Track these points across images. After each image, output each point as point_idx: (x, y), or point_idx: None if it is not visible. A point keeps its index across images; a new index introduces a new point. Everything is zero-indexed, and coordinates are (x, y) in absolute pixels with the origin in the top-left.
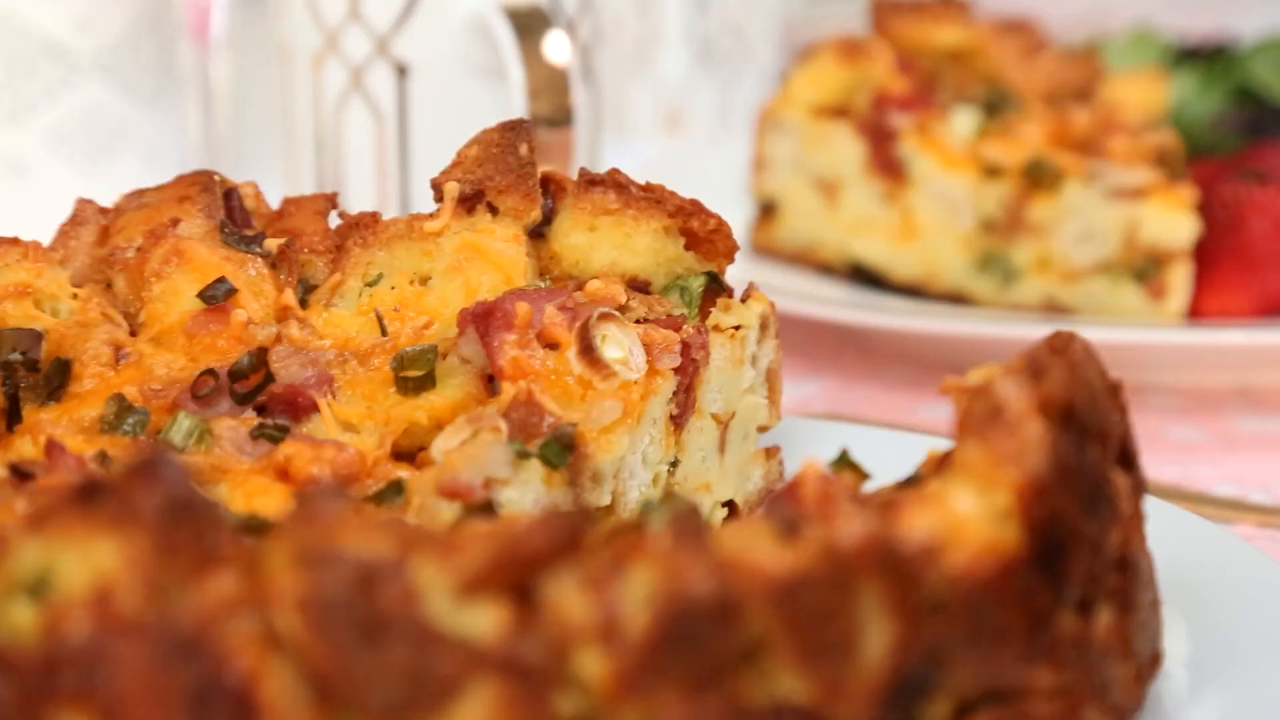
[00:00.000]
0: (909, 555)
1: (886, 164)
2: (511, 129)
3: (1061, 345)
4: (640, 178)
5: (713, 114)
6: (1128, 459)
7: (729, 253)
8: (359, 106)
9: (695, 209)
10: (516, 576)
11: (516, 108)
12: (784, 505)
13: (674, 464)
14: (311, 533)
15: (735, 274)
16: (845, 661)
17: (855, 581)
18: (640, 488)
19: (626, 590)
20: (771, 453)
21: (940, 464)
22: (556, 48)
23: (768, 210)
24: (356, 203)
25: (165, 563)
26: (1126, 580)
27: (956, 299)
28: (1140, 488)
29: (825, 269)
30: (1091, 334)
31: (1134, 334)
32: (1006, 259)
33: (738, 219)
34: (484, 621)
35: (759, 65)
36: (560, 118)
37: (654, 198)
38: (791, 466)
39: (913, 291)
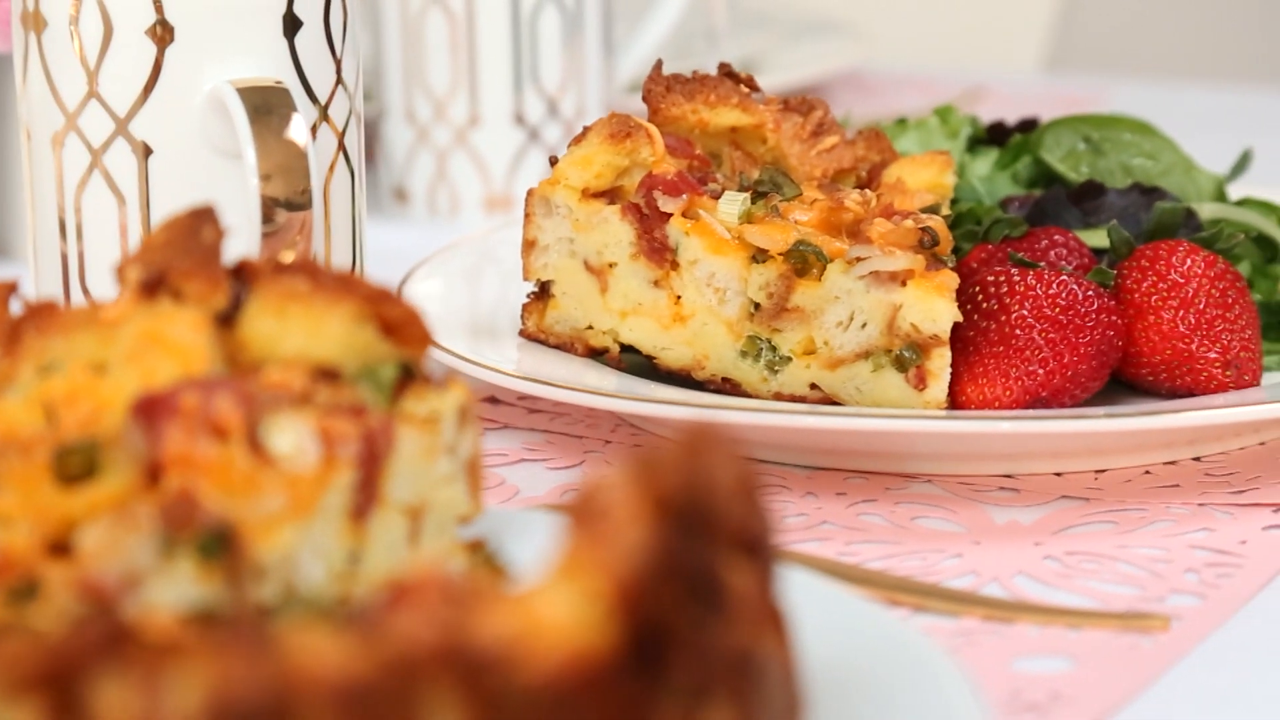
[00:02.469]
0: (484, 659)
1: (655, 247)
2: (196, 214)
3: (690, 441)
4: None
5: None
6: (760, 558)
7: (422, 341)
8: (100, 187)
9: (386, 296)
10: (59, 680)
11: (252, 189)
12: (373, 606)
13: (357, 558)
14: None
15: (506, 358)
16: None
17: (423, 687)
18: (314, 583)
19: (174, 695)
20: (475, 546)
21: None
22: (297, 129)
23: (541, 293)
24: (101, 286)
25: None
26: (748, 680)
27: (726, 384)
28: (770, 587)
29: (598, 353)
30: (853, 423)
31: (894, 423)
32: (772, 345)
33: None
34: None
35: None
36: (299, 200)
37: (345, 283)
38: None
39: (684, 376)
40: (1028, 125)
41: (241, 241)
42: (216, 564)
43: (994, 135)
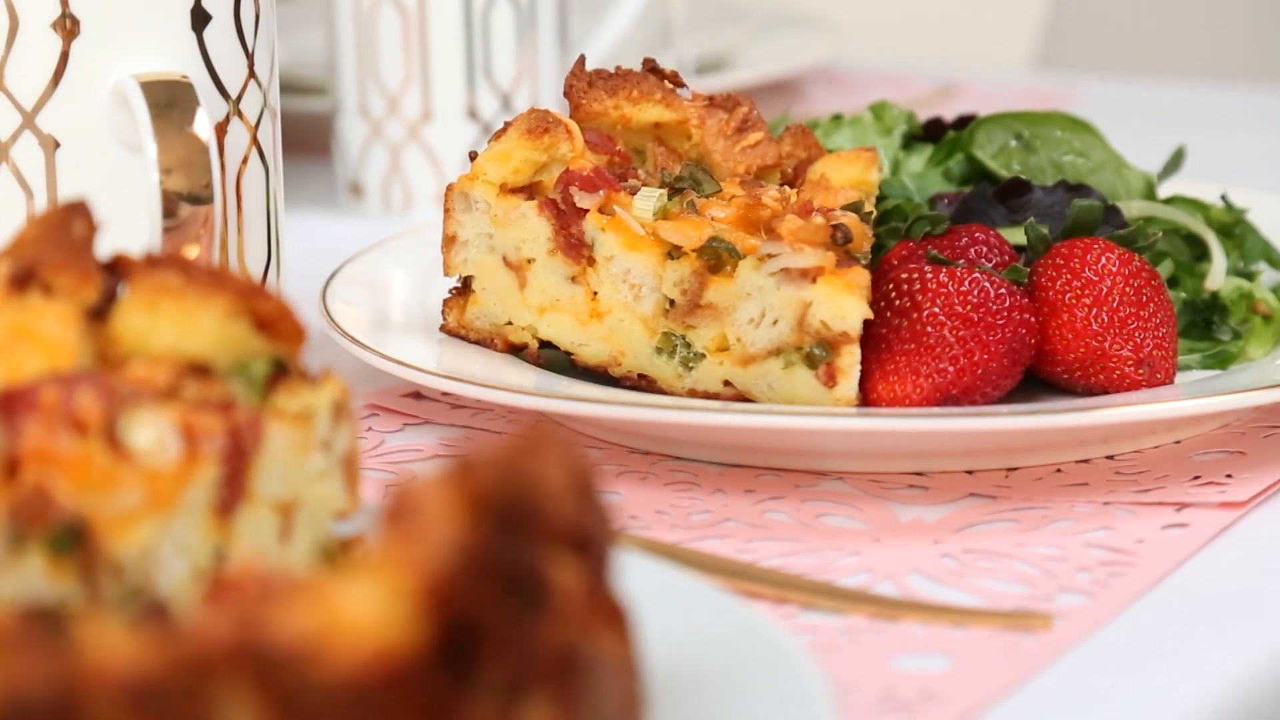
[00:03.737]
0: (280, 657)
1: (572, 243)
2: (69, 209)
3: (517, 439)
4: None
5: None
6: (594, 555)
7: (296, 336)
8: (8, 180)
9: (259, 291)
10: None
11: (153, 184)
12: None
13: (223, 554)
14: None
15: (428, 354)
16: None
17: (217, 685)
18: (176, 579)
19: None
20: (349, 543)
21: None
22: (201, 124)
23: (463, 288)
24: None
25: None
26: (572, 677)
27: (642, 380)
28: (605, 583)
29: (517, 349)
30: (761, 420)
31: (801, 420)
32: (687, 341)
33: None
34: None
35: None
36: (201, 194)
37: (217, 279)
38: None
39: (601, 373)
40: (962, 122)
41: (144, 236)
42: (69, 560)
43: (929, 132)
